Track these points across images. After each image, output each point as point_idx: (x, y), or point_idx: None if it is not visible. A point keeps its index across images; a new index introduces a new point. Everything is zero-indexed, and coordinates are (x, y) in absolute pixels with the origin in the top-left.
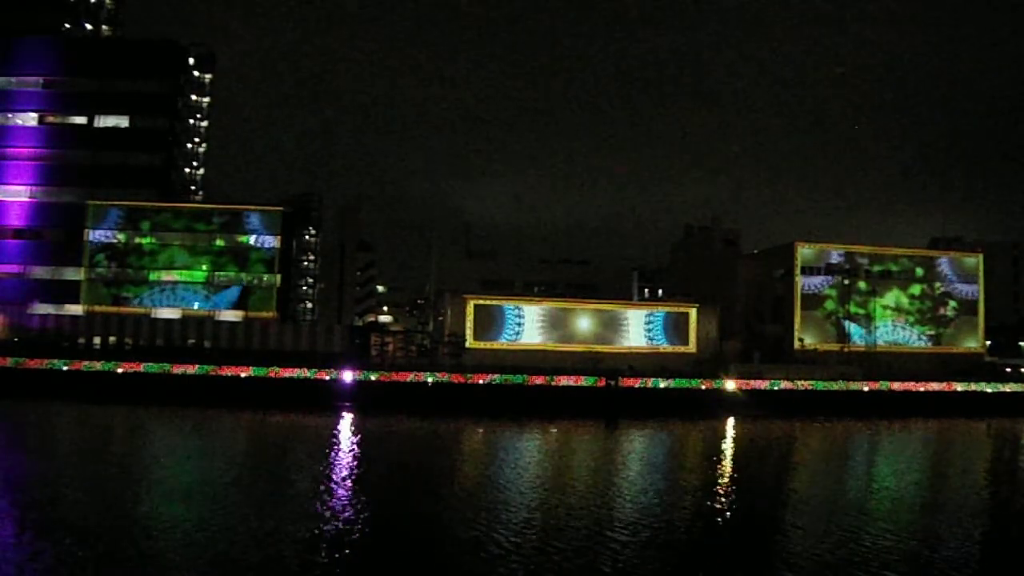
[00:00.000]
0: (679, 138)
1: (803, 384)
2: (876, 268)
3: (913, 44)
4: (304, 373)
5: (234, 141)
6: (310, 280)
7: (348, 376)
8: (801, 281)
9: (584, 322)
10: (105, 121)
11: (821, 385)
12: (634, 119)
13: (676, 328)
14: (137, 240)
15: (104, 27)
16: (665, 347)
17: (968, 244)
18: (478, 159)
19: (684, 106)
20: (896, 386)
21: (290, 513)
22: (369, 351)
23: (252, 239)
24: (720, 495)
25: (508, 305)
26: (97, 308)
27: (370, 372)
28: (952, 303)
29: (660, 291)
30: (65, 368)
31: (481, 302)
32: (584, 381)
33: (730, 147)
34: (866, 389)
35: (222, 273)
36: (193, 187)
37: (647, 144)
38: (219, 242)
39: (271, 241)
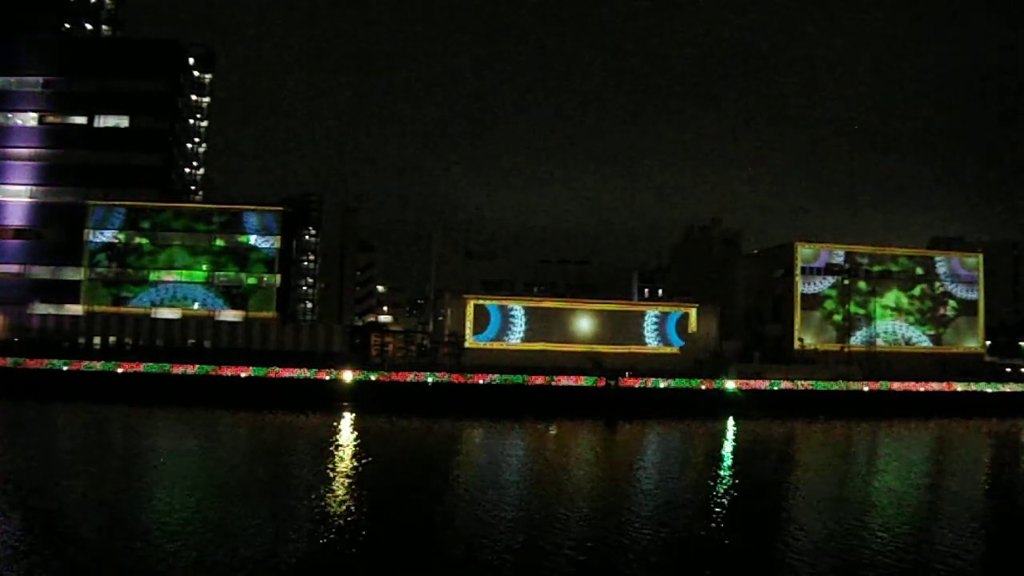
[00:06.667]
0: (680, 138)
1: (803, 384)
2: (876, 268)
3: (914, 44)
4: (304, 373)
5: (234, 141)
6: (310, 280)
7: (348, 376)
8: (801, 281)
9: (584, 322)
10: (105, 121)
11: (821, 385)
12: (635, 119)
13: (678, 328)
14: (137, 240)
15: (104, 27)
16: (665, 348)
17: (968, 244)
18: (479, 159)
19: (685, 106)
20: (896, 386)
21: (290, 513)
22: (369, 351)
23: (252, 239)
24: (721, 496)
25: (510, 305)
26: (97, 308)
27: (370, 372)
28: (952, 303)
29: (660, 291)
30: (65, 368)
31: (481, 302)
32: (584, 381)
33: (732, 147)
34: (866, 389)
35: (222, 273)
36: (193, 187)
37: (648, 144)
38: (219, 242)
39: (271, 241)
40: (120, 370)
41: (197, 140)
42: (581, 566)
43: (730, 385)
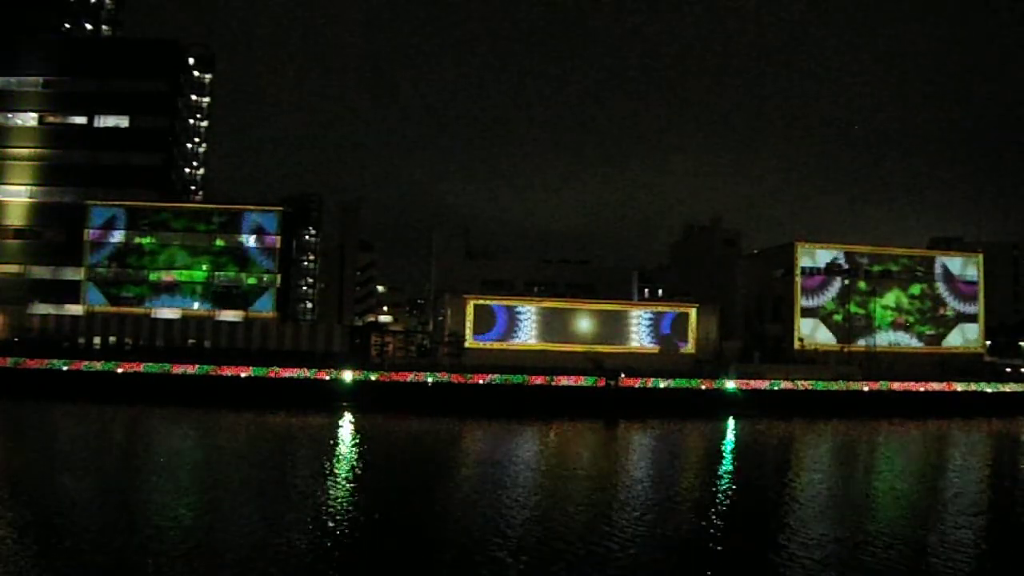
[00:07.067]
0: (681, 138)
1: (803, 384)
2: (876, 268)
3: (914, 43)
4: (304, 373)
5: (234, 141)
6: (310, 280)
7: (348, 376)
8: (801, 284)
9: (584, 322)
10: (105, 121)
11: (821, 385)
12: (635, 119)
13: (673, 328)
14: (137, 240)
15: (104, 27)
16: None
17: (968, 244)
18: (479, 159)
19: (685, 106)
20: (896, 386)
21: (290, 512)
22: (369, 351)
23: (252, 239)
24: (722, 496)
25: (518, 306)
26: (97, 308)
27: (370, 372)
28: (952, 303)
29: (660, 291)
30: (65, 368)
31: (487, 302)
32: (584, 381)
33: (732, 147)
34: (866, 389)
35: (222, 273)
36: (193, 187)
37: (648, 143)
38: (219, 242)
39: (271, 241)
40: (120, 370)
41: (197, 140)
42: (591, 566)
43: (730, 385)
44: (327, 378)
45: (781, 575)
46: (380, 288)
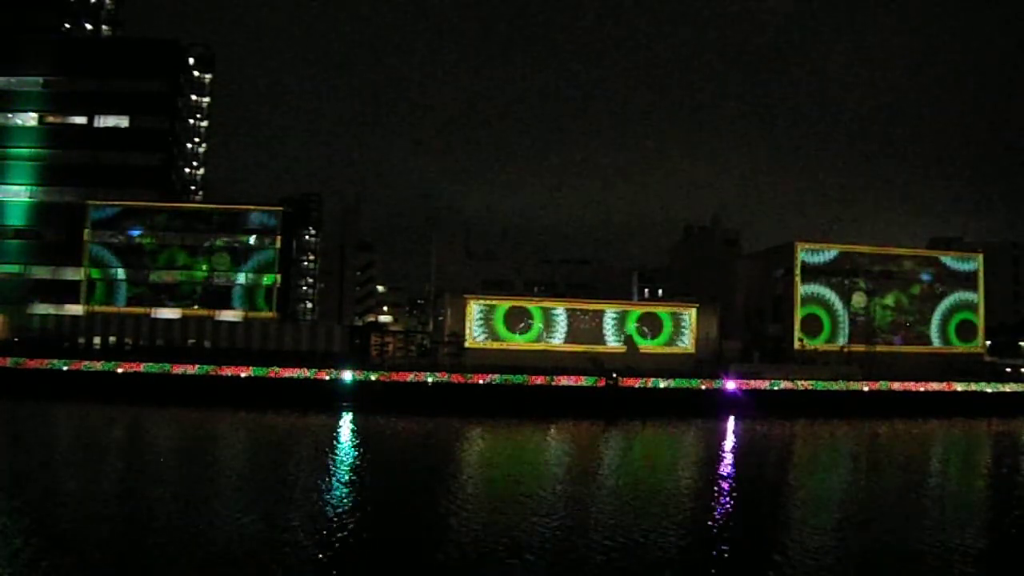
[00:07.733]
0: (680, 137)
1: (803, 384)
2: (876, 268)
3: (914, 43)
4: (304, 373)
5: (234, 141)
6: (310, 280)
7: (348, 376)
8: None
9: (584, 322)
10: (105, 121)
11: (821, 385)
12: (635, 118)
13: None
14: (137, 240)
15: (104, 27)
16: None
17: (968, 244)
18: (477, 159)
19: (685, 106)
20: (896, 386)
21: (290, 512)
22: (369, 351)
23: (252, 239)
24: (724, 496)
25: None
26: (97, 308)
27: (370, 372)
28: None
29: (660, 291)
30: (65, 368)
31: (481, 302)
32: (584, 381)
33: (732, 147)
34: (866, 389)
35: (222, 273)
36: (193, 187)
37: (648, 143)
38: (219, 242)
39: (271, 241)
40: (120, 370)
41: (197, 140)
42: (601, 566)
43: (730, 385)
44: (327, 378)
45: (780, 574)
46: (380, 288)
